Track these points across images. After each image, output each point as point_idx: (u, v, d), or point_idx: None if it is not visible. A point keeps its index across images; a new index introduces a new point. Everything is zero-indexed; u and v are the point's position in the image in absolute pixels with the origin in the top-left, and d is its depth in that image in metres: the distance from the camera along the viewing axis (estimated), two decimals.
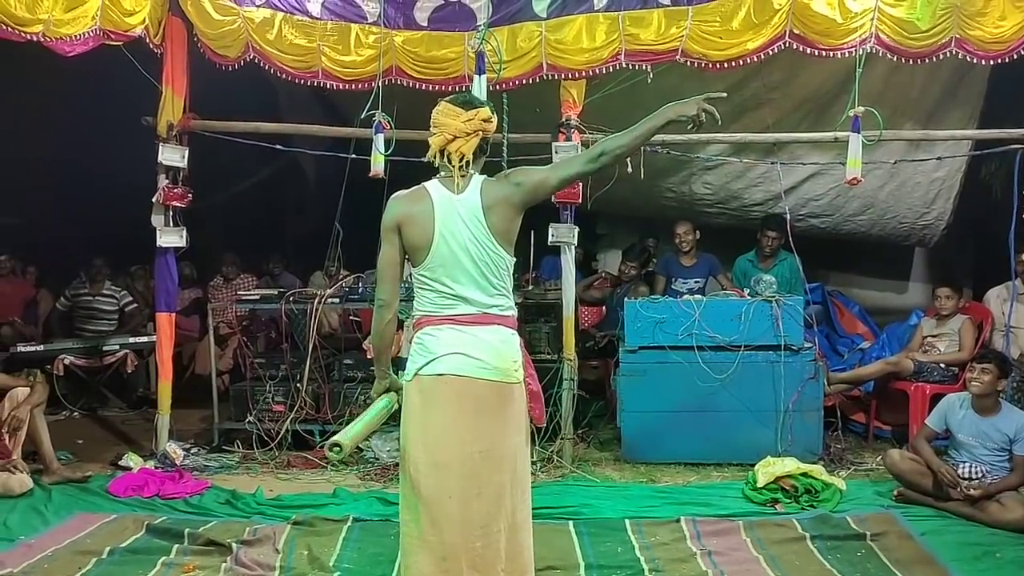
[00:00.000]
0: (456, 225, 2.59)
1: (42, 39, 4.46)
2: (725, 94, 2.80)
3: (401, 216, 2.62)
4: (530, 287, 6.16)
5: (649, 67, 5.01)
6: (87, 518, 4.19)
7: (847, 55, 4.87)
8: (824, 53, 4.89)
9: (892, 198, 6.49)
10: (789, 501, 4.37)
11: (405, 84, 5.24)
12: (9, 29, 4.34)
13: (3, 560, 3.59)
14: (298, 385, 5.43)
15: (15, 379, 5.10)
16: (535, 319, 5.84)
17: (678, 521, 4.08)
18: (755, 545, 3.80)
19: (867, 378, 5.65)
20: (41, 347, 6.53)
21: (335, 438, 2.54)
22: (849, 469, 4.99)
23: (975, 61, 4.88)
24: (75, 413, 6.48)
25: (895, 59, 4.92)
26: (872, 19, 4.77)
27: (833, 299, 6.78)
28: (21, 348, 6.40)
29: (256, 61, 5.25)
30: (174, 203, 5.25)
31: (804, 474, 4.48)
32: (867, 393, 5.77)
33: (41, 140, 7.36)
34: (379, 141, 5.08)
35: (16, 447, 4.80)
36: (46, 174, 7.71)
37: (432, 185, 2.67)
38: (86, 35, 4.64)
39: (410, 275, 3.13)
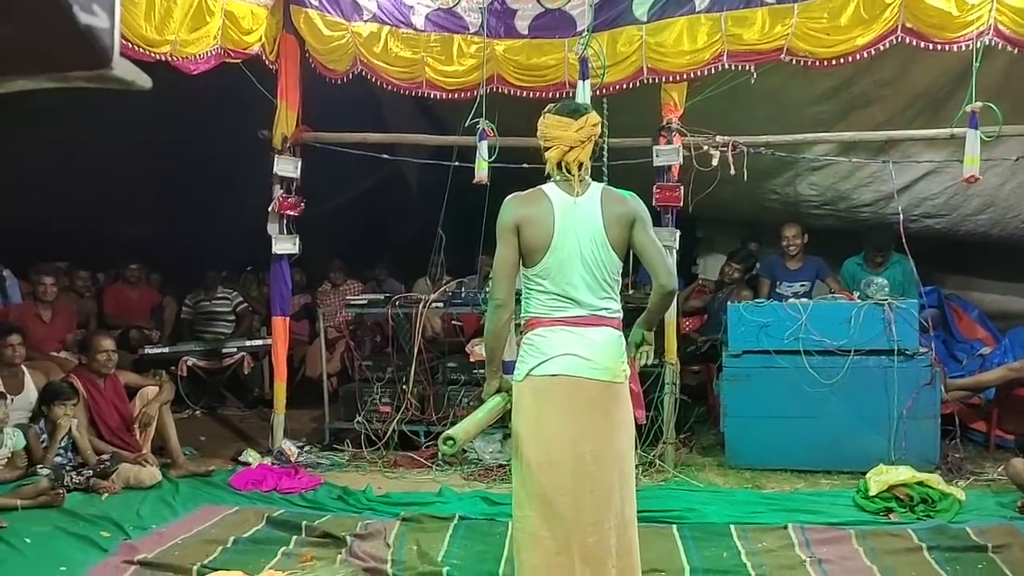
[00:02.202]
0: (575, 228, 2.64)
1: (169, 58, 4.75)
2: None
3: (521, 217, 2.67)
4: (630, 291, 6.15)
5: (753, 67, 4.94)
6: (212, 509, 4.44)
7: (963, 48, 4.68)
8: (939, 47, 4.71)
9: (1014, 196, 6.15)
10: (904, 510, 4.22)
11: (506, 92, 5.34)
12: (140, 50, 4.64)
13: (138, 546, 3.85)
14: (404, 387, 5.58)
15: (144, 379, 5.47)
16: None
17: (785, 528, 4.00)
18: (868, 555, 3.69)
19: (988, 385, 5.38)
20: (166, 349, 6.95)
21: (449, 431, 2.62)
22: (968, 479, 4.77)
23: None
24: (197, 412, 6.86)
25: (1015, 51, 4.69)
26: (990, 10, 4.56)
27: (950, 303, 6.48)
28: (148, 350, 6.82)
29: (363, 74, 5.46)
30: (288, 212, 5.50)
31: (920, 483, 4.32)
32: (988, 401, 5.50)
33: (165, 155, 7.83)
34: (483, 148, 5.19)
35: (146, 442, 5.14)
36: (169, 187, 8.19)
37: (550, 188, 2.72)
38: (208, 54, 4.92)
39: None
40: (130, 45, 4.48)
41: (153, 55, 4.71)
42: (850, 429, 4.92)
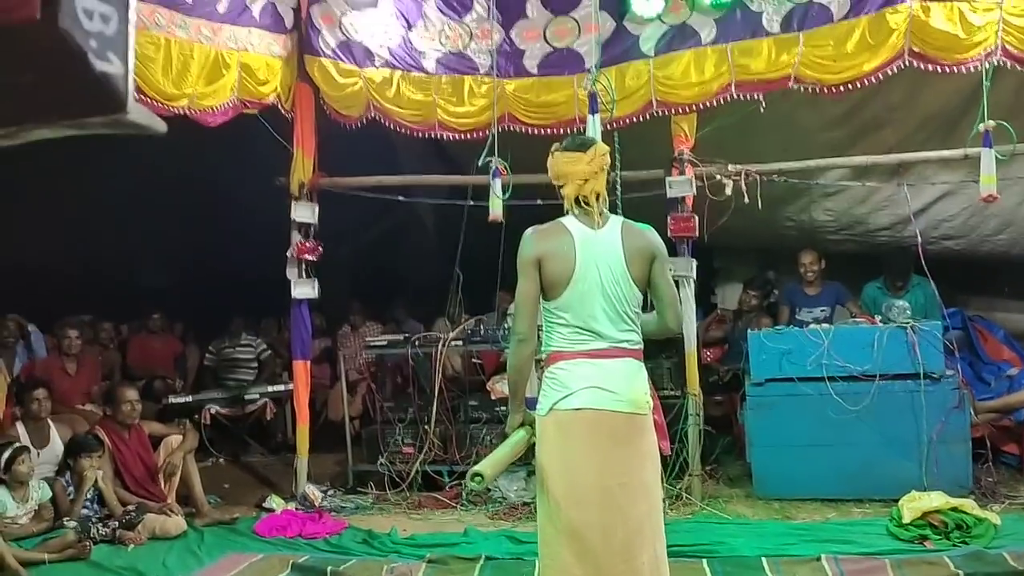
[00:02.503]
0: (595, 261, 2.65)
1: (187, 111, 4.85)
2: None
3: (542, 250, 2.67)
4: None
5: (761, 96, 4.97)
6: (237, 558, 4.42)
7: (972, 69, 4.68)
8: (947, 69, 4.72)
9: None
10: (939, 537, 4.12)
11: (518, 130, 5.41)
12: (158, 104, 4.74)
13: None
14: (426, 427, 5.57)
15: (169, 428, 5.49)
16: (656, 355, 5.79)
17: (819, 559, 3.92)
18: None
19: (1018, 406, 5.29)
20: (190, 398, 6.98)
21: (476, 468, 2.59)
22: (1003, 503, 4.67)
23: None
24: (221, 459, 6.85)
25: None
26: (997, 31, 4.58)
27: (975, 324, 6.40)
28: (172, 400, 6.86)
29: (376, 118, 5.54)
30: (306, 256, 5.55)
31: (954, 509, 4.23)
32: (1019, 422, 5.39)
33: (184, 205, 7.96)
34: (496, 186, 5.23)
35: (171, 491, 5.14)
36: (189, 236, 8.31)
37: (569, 221, 2.73)
38: (226, 105, 5.02)
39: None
40: (148, 99, 4.58)
41: (171, 108, 4.81)
42: (879, 455, 4.84)
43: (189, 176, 7.37)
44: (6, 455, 4.51)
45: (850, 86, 4.86)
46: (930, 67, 4.73)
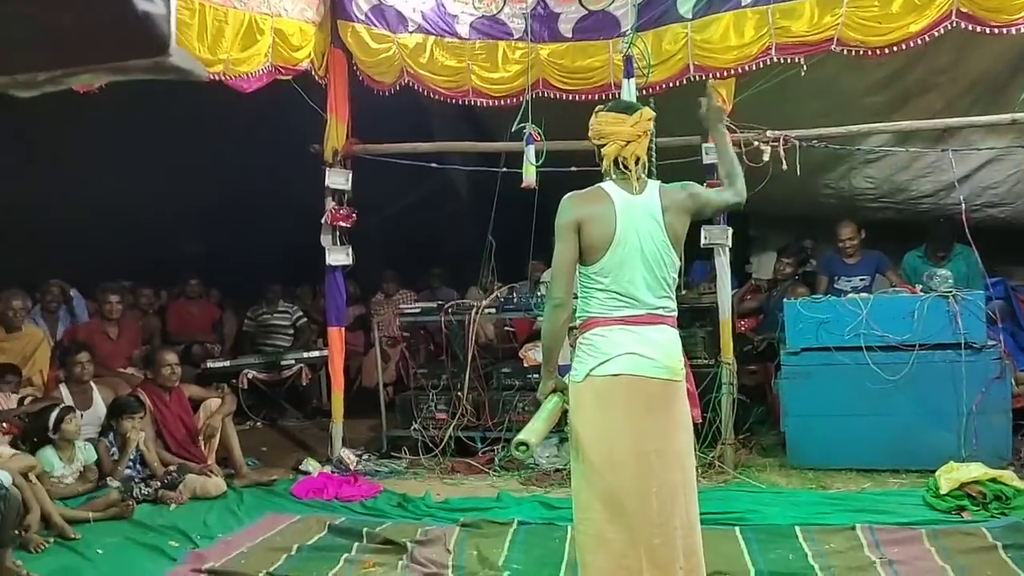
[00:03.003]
0: (635, 226, 2.63)
1: (223, 77, 4.85)
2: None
3: (581, 215, 2.64)
4: (683, 291, 6.08)
5: (802, 59, 4.85)
6: (276, 518, 4.52)
7: (1022, 31, 4.52)
8: (996, 30, 4.56)
9: None
10: (977, 508, 4.07)
11: (552, 96, 5.34)
12: None
13: (205, 555, 3.94)
14: (459, 394, 5.61)
15: (208, 391, 5.59)
16: (690, 323, 5.75)
17: (853, 528, 3.90)
18: (941, 555, 3.58)
19: None
20: (228, 363, 7.10)
21: (521, 436, 2.59)
22: None
23: None
24: (258, 423, 6.98)
25: None
26: None
27: (1018, 294, 6.25)
28: (211, 364, 6.98)
29: (410, 84, 5.52)
30: (340, 223, 5.58)
31: (992, 480, 4.17)
32: None
33: (219, 172, 8.03)
34: (530, 153, 5.19)
35: (211, 453, 5.25)
36: (225, 203, 8.39)
37: (609, 186, 2.71)
38: (260, 71, 5.02)
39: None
40: None
41: (208, 74, 4.82)
42: (917, 426, 4.78)
43: (226, 143, 7.42)
44: (54, 415, 4.62)
45: (895, 48, 4.72)
46: (979, 28, 4.57)
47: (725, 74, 5.04)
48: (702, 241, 5.14)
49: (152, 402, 5.14)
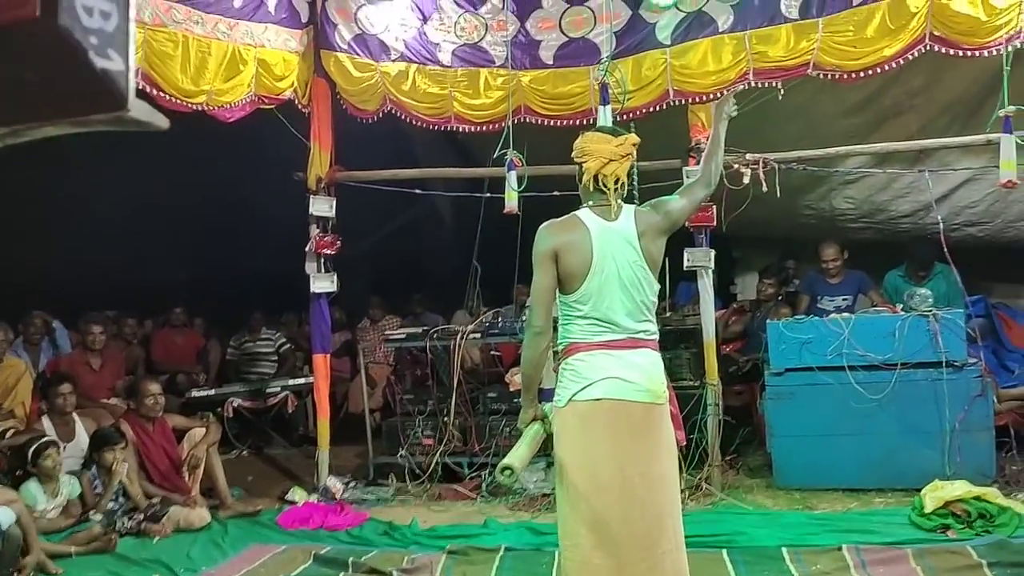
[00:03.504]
0: (613, 252, 2.65)
1: (205, 108, 4.89)
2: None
3: (558, 244, 2.67)
4: (668, 313, 6.11)
5: (780, 83, 4.93)
6: (260, 549, 4.48)
7: (994, 53, 4.61)
8: (969, 53, 4.65)
9: None
10: (962, 527, 4.09)
11: (534, 122, 5.39)
12: (177, 101, 4.78)
13: None
14: (445, 419, 5.60)
15: (192, 421, 5.56)
16: (675, 345, 5.78)
17: (840, 549, 3.90)
18: (926, 574, 3.59)
19: None
20: (212, 392, 7.05)
21: (505, 461, 2.59)
22: None
23: None
24: (244, 452, 6.93)
25: None
26: (1019, 13, 4.50)
27: (998, 312, 6.32)
28: (195, 393, 6.94)
29: (393, 112, 5.56)
30: (325, 250, 5.59)
31: (977, 498, 4.19)
32: None
33: (203, 201, 8.04)
34: (512, 179, 5.23)
35: (195, 484, 5.21)
36: (209, 231, 8.39)
37: (584, 214, 2.73)
38: (243, 101, 5.05)
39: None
40: (167, 96, 4.63)
41: (189, 105, 4.85)
42: (901, 445, 4.80)
43: (209, 172, 7.44)
44: (32, 449, 4.58)
45: (870, 72, 4.80)
46: (951, 52, 4.66)
47: (704, 98, 5.10)
48: (685, 263, 5.18)
49: (135, 433, 5.10)
